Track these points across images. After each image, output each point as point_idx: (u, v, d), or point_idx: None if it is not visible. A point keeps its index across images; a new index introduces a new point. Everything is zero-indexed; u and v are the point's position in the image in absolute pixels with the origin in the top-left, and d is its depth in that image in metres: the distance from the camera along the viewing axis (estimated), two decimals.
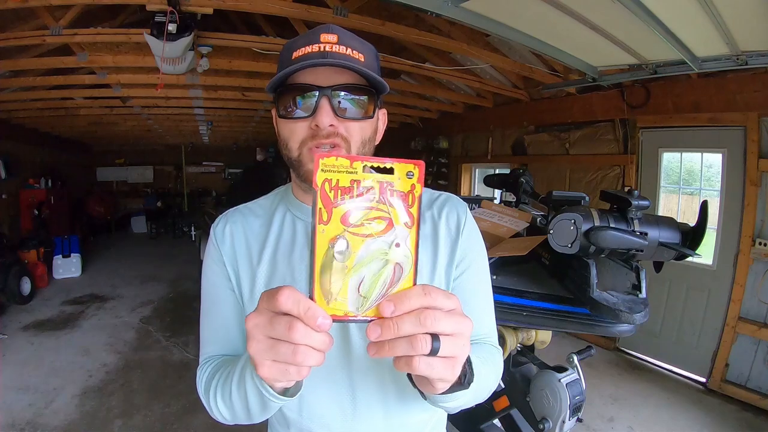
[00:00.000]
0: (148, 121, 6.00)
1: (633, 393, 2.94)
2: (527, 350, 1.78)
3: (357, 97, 0.63)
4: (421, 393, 0.51)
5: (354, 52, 0.62)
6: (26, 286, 4.49)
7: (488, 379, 0.62)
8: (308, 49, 0.61)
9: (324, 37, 0.61)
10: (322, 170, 0.35)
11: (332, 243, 0.35)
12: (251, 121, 6.21)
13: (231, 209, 0.76)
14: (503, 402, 1.67)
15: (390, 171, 0.36)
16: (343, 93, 0.61)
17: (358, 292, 0.36)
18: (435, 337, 0.37)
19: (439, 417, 0.77)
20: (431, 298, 0.37)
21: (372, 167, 0.36)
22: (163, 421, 2.53)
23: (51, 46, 2.86)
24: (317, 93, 0.60)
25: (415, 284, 0.37)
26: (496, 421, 1.84)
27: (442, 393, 0.47)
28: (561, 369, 1.47)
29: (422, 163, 0.36)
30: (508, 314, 1.43)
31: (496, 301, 0.77)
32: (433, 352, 0.37)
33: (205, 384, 0.66)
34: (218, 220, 0.75)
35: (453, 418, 0.83)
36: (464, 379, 0.48)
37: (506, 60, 3.27)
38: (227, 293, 0.71)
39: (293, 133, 0.63)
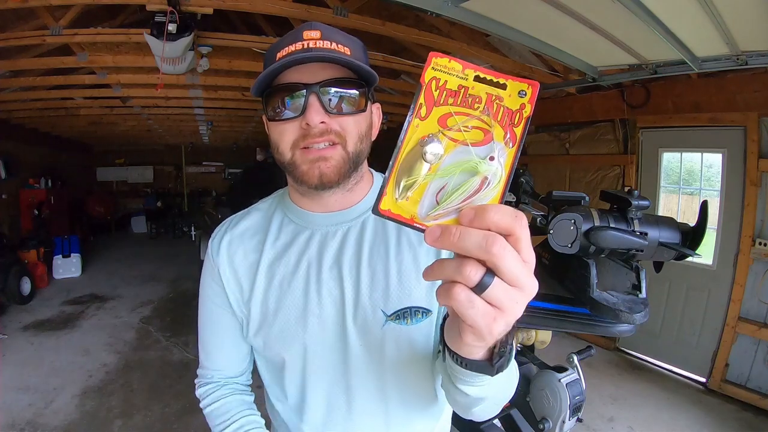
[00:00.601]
0: (148, 121, 5.98)
1: (633, 393, 2.94)
2: (527, 350, 1.78)
3: (347, 91, 0.61)
4: (444, 355, 0.47)
5: (339, 45, 0.60)
6: (26, 286, 4.49)
7: (512, 381, 0.57)
8: (292, 47, 0.59)
9: (307, 34, 0.60)
10: (432, 68, 0.34)
11: (423, 140, 0.33)
12: (251, 121, 6.20)
13: (228, 218, 0.76)
14: None
15: (502, 87, 0.34)
16: (332, 89, 0.60)
17: (436, 197, 0.33)
18: (490, 272, 0.30)
19: (442, 425, 0.76)
20: (520, 225, 0.30)
21: (483, 78, 0.34)
22: (163, 421, 2.54)
23: (51, 46, 2.85)
24: (305, 91, 0.59)
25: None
26: (496, 421, 1.84)
27: (466, 367, 0.42)
28: (561, 369, 1.46)
29: (537, 84, 0.33)
30: None
31: None
32: (480, 288, 0.30)
33: (209, 413, 0.75)
34: (216, 231, 0.75)
35: (453, 418, 0.82)
36: (497, 361, 0.40)
37: (506, 60, 3.27)
38: (222, 313, 0.73)
39: (283, 135, 0.61)
